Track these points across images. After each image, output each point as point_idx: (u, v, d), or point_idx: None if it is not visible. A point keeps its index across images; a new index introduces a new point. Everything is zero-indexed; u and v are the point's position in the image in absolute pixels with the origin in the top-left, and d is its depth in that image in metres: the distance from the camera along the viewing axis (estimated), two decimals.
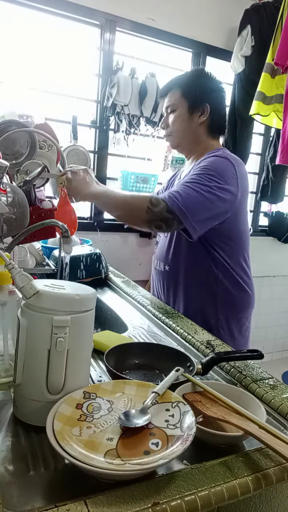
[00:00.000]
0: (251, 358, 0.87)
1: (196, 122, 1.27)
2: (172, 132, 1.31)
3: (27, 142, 1.28)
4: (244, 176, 1.23)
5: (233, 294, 1.29)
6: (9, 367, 0.75)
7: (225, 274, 1.26)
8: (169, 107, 1.30)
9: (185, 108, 1.27)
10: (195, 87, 1.26)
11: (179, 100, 1.27)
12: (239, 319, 1.33)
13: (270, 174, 2.88)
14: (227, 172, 1.17)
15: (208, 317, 1.28)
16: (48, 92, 2.16)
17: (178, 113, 1.28)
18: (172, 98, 1.29)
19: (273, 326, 3.36)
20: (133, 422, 0.58)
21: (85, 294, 0.64)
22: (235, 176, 1.18)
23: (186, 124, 1.28)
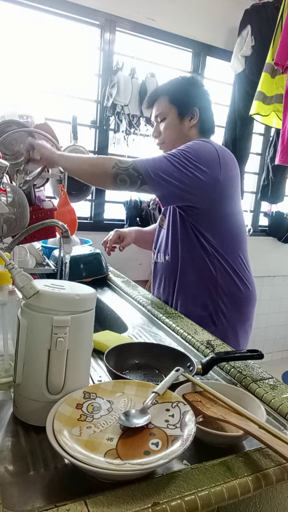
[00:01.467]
0: (251, 358, 0.87)
1: (187, 126, 1.29)
2: (165, 139, 1.31)
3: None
4: (229, 164, 1.22)
5: (233, 285, 1.30)
6: (9, 367, 0.75)
7: (221, 267, 1.27)
8: (158, 115, 1.30)
9: (175, 114, 1.28)
10: (182, 92, 1.28)
11: (168, 107, 1.28)
12: (241, 312, 1.33)
13: (270, 174, 2.88)
14: (206, 154, 1.17)
15: (207, 303, 1.29)
16: (48, 92, 2.16)
17: (168, 120, 1.29)
18: (160, 107, 1.29)
19: (273, 326, 3.36)
20: (133, 422, 0.58)
21: (85, 294, 0.64)
22: (218, 161, 1.18)
23: (178, 130, 1.28)
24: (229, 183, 1.22)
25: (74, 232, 1.33)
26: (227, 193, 1.22)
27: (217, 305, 1.29)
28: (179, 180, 1.12)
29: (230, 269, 1.29)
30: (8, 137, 1.22)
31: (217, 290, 1.28)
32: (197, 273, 1.29)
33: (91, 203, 2.46)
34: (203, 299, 1.29)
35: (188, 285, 1.31)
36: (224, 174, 1.19)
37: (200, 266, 1.28)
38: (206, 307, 1.29)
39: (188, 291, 1.31)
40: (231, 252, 1.29)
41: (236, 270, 1.30)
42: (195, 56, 2.62)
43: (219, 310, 1.29)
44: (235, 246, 1.30)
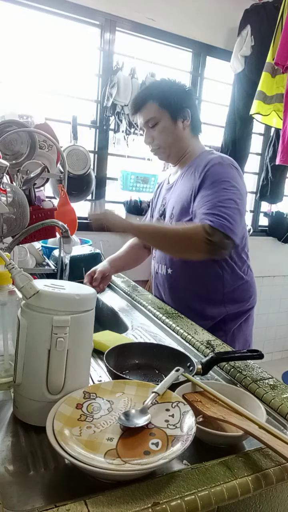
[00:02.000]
0: (251, 358, 0.87)
1: (181, 128, 1.27)
2: (160, 144, 1.28)
3: (27, 142, 1.28)
4: (242, 176, 1.26)
5: (237, 287, 1.30)
6: (9, 367, 0.75)
7: (229, 270, 1.27)
8: (149, 121, 1.26)
9: (168, 118, 1.25)
10: (171, 95, 1.24)
11: (159, 112, 1.24)
12: (244, 310, 1.34)
13: (270, 174, 2.88)
14: (236, 177, 1.19)
15: (214, 314, 1.29)
16: (48, 92, 2.16)
17: (162, 125, 1.25)
18: (150, 112, 1.25)
19: (273, 326, 3.36)
20: (133, 422, 0.58)
21: (85, 294, 0.64)
22: (241, 176, 1.22)
23: (173, 133, 1.26)
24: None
25: (74, 232, 1.33)
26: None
27: (223, 313, 1.30)
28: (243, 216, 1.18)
29: (235, 273, 1.29)
30: (8, 137, 1.22)
31: (223, 300, 1.29)
32: (204, 286, 1.28)
33: (91, 203, 2.46)
34: (211, 311, 1.29)
35: (193, 298, 1.29)
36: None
37: (207, 279, 1.27)
38: (214, 318, 1.29)
39: (193, 305, 1.29)
40: (239, 256, 1.29)
41: (241, 274, 1.30)
42: (195, 56, 2.62)
43: (226, 317, 1.30)
44: (244, 247, 1.31)
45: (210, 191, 1.15)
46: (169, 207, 1.32)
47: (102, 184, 2.44)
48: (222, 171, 1.18)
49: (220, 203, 1.12)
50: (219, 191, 1.14)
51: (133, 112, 1.31)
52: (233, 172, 1.19)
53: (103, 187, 2.45)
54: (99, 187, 2.42)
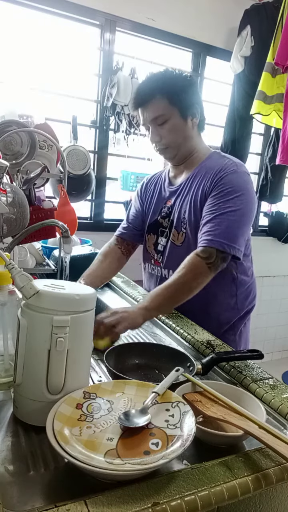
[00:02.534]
0: (251, 358, 0.87)
1: (190, 126, 1.21)
2: (169, 144, 1.21)
3: (27, 142, 1.28)
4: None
5: (247, 288, 1.30)
6: (9, 367, 0.75)
7: (242, 271, 1.27)
8: (157, 118, 1.17)
9: (178, 116, 1.17)
10: (180, 90, 1.16)
11: (169, 109, 1.16)
12: (249, 309, 1.34)
13: (269, 174, 2.88)
14: (248, 185, 1.17)
15: (229, 319, 1.28)
16: (48, 92, 2.16)
17: (172, 123, 1.17)
18: (159, 108, 1.16)
19: (273, 326, 3.36)
20: (133, 422, 0.58)
21: (85, 294, 0.64)
22: (252, 185, 1.20)
23: (183, 132, 1.20)
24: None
25: (74, 232, 1.33)
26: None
27: (236, 315, 1.29)
28: (247, 236, 1.18)
29: (247, 276, 1.29)
30: (8, 137, 1.22)
31: (236, 302, 1.28)
32: (221, 289, 1.25)
33: (91, 203, 2.46)
34: (226, 315, 1.27)
35: (212, 304, 1.26)
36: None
37: (222, 283, 1.24)
38: (228, 322, 1.28)
39: (212, 311, 1.26)
40: (247, 258, 1.28)
41: (250, 275, 1.30)
42: (195, 56, 2.62)
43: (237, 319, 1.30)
44: (248, 247, 1.30)
45: (216, 201, 1.13)
46: (179, 211, 1.25)
47: (102, 184, 2.44)
48: (236, 181, 1.15)
49: (220, 217, 1.11)
50: (224, 203, 1.12)
51: (137, 106, 1.20)
52: (246, 181, 1.17)
53: (103, 187, 2.46)
54: (99, 187, 2.42)
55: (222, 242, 1.08)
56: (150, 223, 1.36)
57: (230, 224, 1.10)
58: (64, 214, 1.28)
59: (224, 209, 1.11)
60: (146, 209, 1.38)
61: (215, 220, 1.11)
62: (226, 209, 1.11)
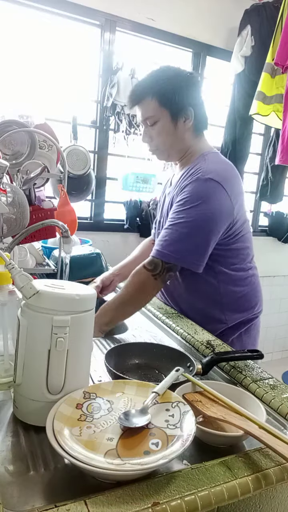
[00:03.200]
0: (251, 358, 0.87)
1: (182, 129, 1.16)
2: (158, 146, 1.20)
3: (27, 142, 1.28)
4: (236, 191, 1.14)
5: (238, 298, 1.24)
6: (9, 367, 0.75)
7: (226, 280, 1.21)
8: (147, 119, 1.16)
9: (168, 118, 1.14)
10: (172, 92, 1.12)
11: (159, 111, 1.13)
12: (246, 320, 1.27)
13: (269, 174, 2.88)
14: (211, 194, 1.09)
15: (216, 328, 1.23)
16: (48, 92, 2.16)
17: (161, 125, 1.15)
18: (149, 110, 1.14)
19: (273, 326, 3.35)
20: (133, 422, 0.58)
21: (85, 294, 0.64)
22: (223, 191, 1.09)
23: (173, 135, 1.17)
24: (240, 203, 1.16)
25: (74, 232, 1.33)
26: (240, 212, 1.17)
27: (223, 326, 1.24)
28: (206, 249, 1.10)
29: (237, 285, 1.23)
30: (8, 137, 1.22)
31: (223, 312, 1.23)
32: (202, 299, 1.23)
33: (91, 203, 2.46)
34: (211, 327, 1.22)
35: (190, 305, 1.25)
36: (236, 206, 1.14)
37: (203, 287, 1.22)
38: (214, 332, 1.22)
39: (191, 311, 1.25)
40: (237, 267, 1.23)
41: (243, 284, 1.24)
42: (195, 56, 2.62)
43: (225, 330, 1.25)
44: (246, 255, 1.25)
45: (175, 209, 1.12)
46: (163, 214, 1.27)
47: (102, 184, 2.44)
48: (196, 189, 1.10)
49: (171, 227, 1.10)
50: (180, 212, 1.10)
51: (131, 106, 1.20)
52: (209, 188, 1.09)
53: (103, 187, 2.46)
54: (99, 187, 2.42)
55: (168, 254, 1.07)
56: (156, 225, 1.39)
57: (179, 236, 1.08)
58: (64, 214, 1.28)
59: (178, 220, 1.09)
60: (159, 213, 1.40)
61: (167, 229, 1.10)
62: (181, 219, 1.09)
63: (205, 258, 1.11)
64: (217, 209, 1.09)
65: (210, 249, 1.12)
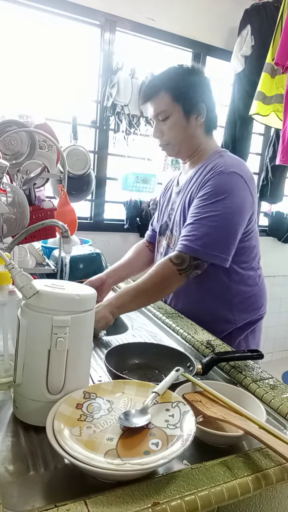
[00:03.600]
0: (251, 358, 0.87)
1: (194, 125, 1.18)
2: (169, 140, 1.20)
3: (27, 142, 1.28)
4: (252, 182, 1.16)
5: (247, 298, 1.24)
6: (9, 367, 0.75)
7: (237, 279, 1.20)
8: (160, 114, 1.17)
9: (180, 113, 1.15)
10: (186, 87, 1.14)
11: (172, 105, 1.14)
12: (253, 320, 1.27)
13: (269, 174, 2.88)
14: (234, 187, 1.10)
15: (223, 329, 1.23)
16: (48, 92, 2.16)
17: (173, 120, 1.16)
18: (162, 104, 1.15)
19: (273, 326, 3.35)
20: (133, 422, 0.58)
21: (85, 294, 0.64)
22: (245, 185, 1.12)
23: (185, 130, 1.18)
24: (254, 197, 1.17)
25: (74, 232, 1.33)
26: (254, 206, 1.18)
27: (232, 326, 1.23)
28: (234, 243, 1.10)
29: (247, 284, 1.22)
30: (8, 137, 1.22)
31: (232, 312, 1.22)
32: (211, 295, 1.21)
33: (91, 203, 2.46)
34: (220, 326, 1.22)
35: (200, 306, 1.23)
36: (253, 193, 1.15)
37: (214, 288, 1.20)
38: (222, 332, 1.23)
39: (200, 313, 1.22)
40: (249, 266, 1.22)
41: (252, 284, 1.24)
42: (195, 56, 2.62)
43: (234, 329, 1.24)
44: (255, 256, 1.24)
45: (199, 204, 1.11)
46: (175, 213, 1.25)
47: (102, 184, 2.44)
48: (220, 181, 1.10)
49: (199, 221, 1.08)
50: (206, 206, 1.08)
51: (143, 101, 1.21)
52: (233, 181, 1.10)
53: (103, 187, 2.46)
54: (99, 187, 2.42)
55: (197, 249, 1.05)
56: (160, 225, 1.37)
57: (208, 230, 1.06)
58: (64, 214, 1.28)
59: (204, 214, 1.08)
60: (161, 212, 1.39)
61: (194, 224, 1.08)
62: (207, 213, 1.07)
63: (233, 252, 1.11)
64: (242, 201, 1.10)
65: (236, 243, 1.12)
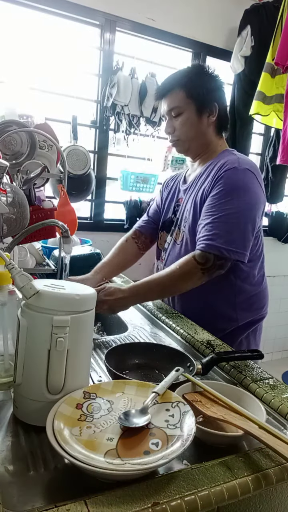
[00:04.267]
0: (251, 358, 0.87)
1: (205, 123, 1.20)
2: (180, 136, 1.22)
3: (27, 142, 1.28)
4: (261, 177, 1.18)
5: (251, 297, 1.24)
6: (9, 367, 0.75)
7: (243, 277, 1.21)
8: (173, 110, 1.19)
9: (193, 110, 1.18)
10: (200, 86, 1.17)
11: (185, 102, 1.17)
12: (255, 320, 1.27)
13: (270, 174, 2.88)
14: (249, 183, 1.12)
15: (225, 326, 1.23)
16: (48, 92, 2.16)
17: (186, 116, 1.18)
18: (175, 100, 1.18)
19: (273, 326, 3.36)
20: (133, 422, 0.58)
21: (85, 294, 0.64)
22: (258, 182, 1.14)
23: (196, 127, 1.19)
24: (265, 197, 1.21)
25: (74, 232, 1.33)
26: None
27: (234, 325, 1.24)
28: (251, 239, 1.12)
29: (251, 283, 1.23)
30: (8, 137, 1.22)
31: (235, 310, 1.22)
32: (217, 294, 1.21)
33: (91, 203, 2.46)
34: (222, 324, 1.23)
35: (204, 305, 1.23)
36: (263, 188, 1.18)
37: (219, 286, 1.19)
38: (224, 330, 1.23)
39: (204, 311, 1.23)
40: (253, 264, 1.22)
41: (257, 283, 1.24)
42: (195, 56, 2.62)
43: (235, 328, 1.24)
44: (260, 255, 1.25)
45: (215, 202, 1.11)
46: (185, 209, 1.25)
47: (102, 184, 2.44)
48: (235, 178, 1.11)
49: (218, 220, 1.08)
50: (223, 204, 1.09)
51: (158, 97, 1.23)
52: (248, 178, 1.12)
53: (103, 187, 2.46)
54: (99, 187, 2.42)
55: (221, 247, 1.05)
56: (164, 220, 1.37)
57: (229, 227, 1.07)
58: (64, 214, 1.28)
59: (224, 211, 1.08)
60: (163, 206, 1.39)
61: (214, 223, 1.08)
62: (226, 210, 1.08)
63: (249, 245, 1.12)
64: (257, 198, 1.13)
65: (252, 237, 1.13)
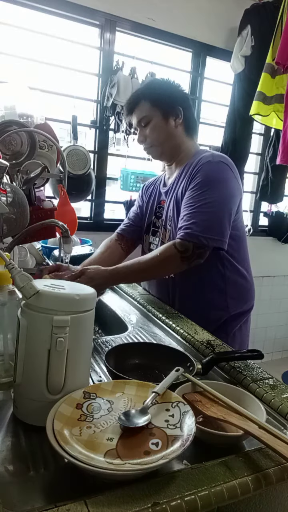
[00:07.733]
0: (251, 358, 0.87)
1: (173, 125, 1.27)
2: (152, 142, 1.29)
3: (27, 142, 1.28)
4: (236, 169, 1.24)
5: (240, 288, 1.30)
6: (9, 367, 0.75)
7: (230, 267, 1.27)
8: (142, 120, 1.27)
9: (160, 116, 1.26)
10: (162, 93, 1.26)
11: (151, 110, 1.26)
12: (245, 310, 1.33)
13: (270, 174, 2.88)
14: (224, 174, 1.18)
15: (218, 317, 1.28)
16: (48, 92, 2.16)
17: (154, 123, 1.26)
18: (143, 111, 1.27)
19: (273, 326, 3.36)
20: (133, 422, 0.58)
21: (85, 294, 0.64)
22: (232, 173, 1.20)
23: (165, 131, 1.27)
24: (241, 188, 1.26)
25: (74, 232, 1.33)
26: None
27: (226, 314, 1.29)
28: (229, 227, 1.17)
29: (238, 273, 1.29)
30: (8, 137, 1.22)
31: (226, 300, 1.28)
32: (207, 287, 1.27)
33: (91, 203, 2.46)
34: (214, 313, 1.28)
35: (196, 300, 1.28)
36: (239, 180, 1.24)
37: (210, 280, 1.26)
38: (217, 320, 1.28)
39: (197, 307, 1.27)
40: (238, 253, 1.28)
41: (244, 273, 1.30)
42: (195, 56, 2.62)
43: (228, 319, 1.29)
44: (245, 243, 1.31)
45: (193, 194, 1.17)
46: (169, 209, 1.30)
47: (102, 184, 2.44)
48: (210, 170, 1.18)
49: (196, 210, 1.14)
50: (200, 195, 1.15)
51: (127, 113, 1.32)
52: (221, 169, 1.19)
53: (103, 187, 2.46)
54: (99, 187, 2.42)
55: (199, 236, 1.11)
56: (147, 223, 1.42)
57: (206, 216, 1.13)
58: (64, 214, 1.28)
59: (200, 201, 1.14)
60: (144, 210, 1.44)
61: (192, 213, 1.14)
62: (202, 201, 1.14)
63: (228, 235, 1.17)
64: (232, 188, 1.19)
65: (230, 227, 1.18)
